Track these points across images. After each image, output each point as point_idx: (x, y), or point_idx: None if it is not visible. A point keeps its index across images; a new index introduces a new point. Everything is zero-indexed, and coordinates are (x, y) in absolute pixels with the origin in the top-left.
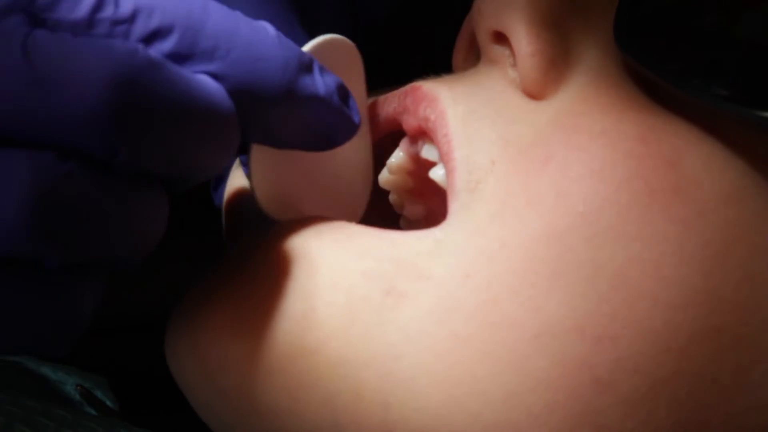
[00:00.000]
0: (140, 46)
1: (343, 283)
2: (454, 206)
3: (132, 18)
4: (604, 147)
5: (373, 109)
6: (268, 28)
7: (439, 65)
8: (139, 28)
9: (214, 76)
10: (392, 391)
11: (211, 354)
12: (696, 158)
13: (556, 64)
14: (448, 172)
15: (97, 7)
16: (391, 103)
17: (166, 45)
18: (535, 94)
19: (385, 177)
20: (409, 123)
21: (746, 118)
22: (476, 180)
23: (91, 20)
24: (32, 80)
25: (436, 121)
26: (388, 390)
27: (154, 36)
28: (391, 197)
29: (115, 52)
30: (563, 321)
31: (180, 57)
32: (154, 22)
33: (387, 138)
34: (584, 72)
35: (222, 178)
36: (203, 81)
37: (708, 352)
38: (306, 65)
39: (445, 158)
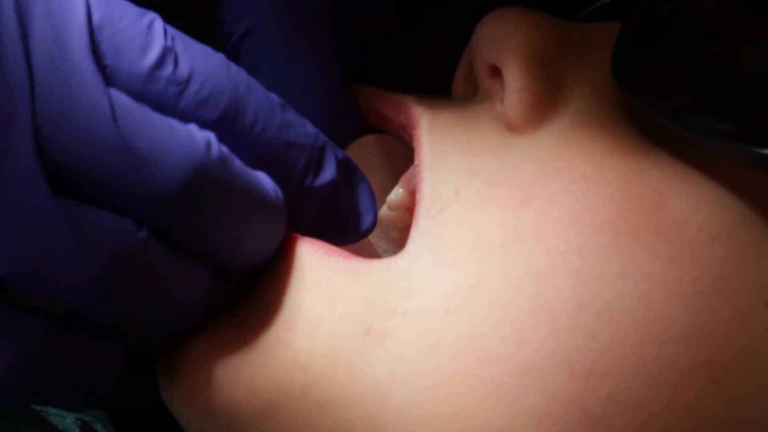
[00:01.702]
0: (213, 138)
1: (321, 331)
2: (414, 233)
3: (187, 82)
4: (585, 192)
5: (369, 100)
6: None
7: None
8: (192, 93)
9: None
10: (383, 430)
11: (201, 397)
12: (683, 197)
13: (543, 102)
14: (416, 201)
15: (158, 65)
16: (386, 104)
17: (212, 114)
18: (515, 128)
19: (385, 213)
20: (394, 130)
21: (740, 153)
22: (438, 208)
23: (150, 75)
24: (121, 150)
25: (415, 147)
26: (379, 429)
27: (203, 103)
28: (391, 233)
29: (195, 140)
30: (551, 356)
31: (221, 127)
32: (206, 92)
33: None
34: (572, 112)
35: None
36: (260, 177)
37: (700, 386)
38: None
39: (416, 187)
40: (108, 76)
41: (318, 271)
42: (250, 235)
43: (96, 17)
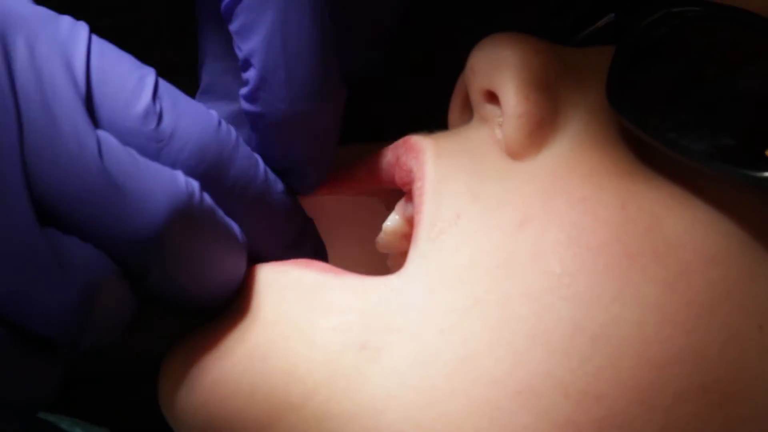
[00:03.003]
0: (197, 186)
1: (317, 340)
2: (412, 254)
3: (168, 140)
4: (583, 214)
5: (373, 162)
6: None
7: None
8: (172, 152)
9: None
10: None
11: (203, 410)
12: (678, 221)
13: (542, 127)
14: (415, 224)
15: (141, 119)
16: (386, 155)
17: (192, 172)
18: (516, 154)
19: (381, 239)
20: (399, 176)
21: (734, 176)
22: (438, 230)
23: (131, 129)
24: (105, 186)
25: (416, 173)
26: None
27: (183, 162)
28: (389, 261)
29: (178, 186)
30: (545, 378)
31: (202, 183)
32: (187, 152)
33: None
34: (570, 135)
35: None
36: (232, 225)
37: (695, 410)
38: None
39: (415, 209)
40: (96, 120)
41: (313, 283)
42: (216, 275)
43: (93, 61)
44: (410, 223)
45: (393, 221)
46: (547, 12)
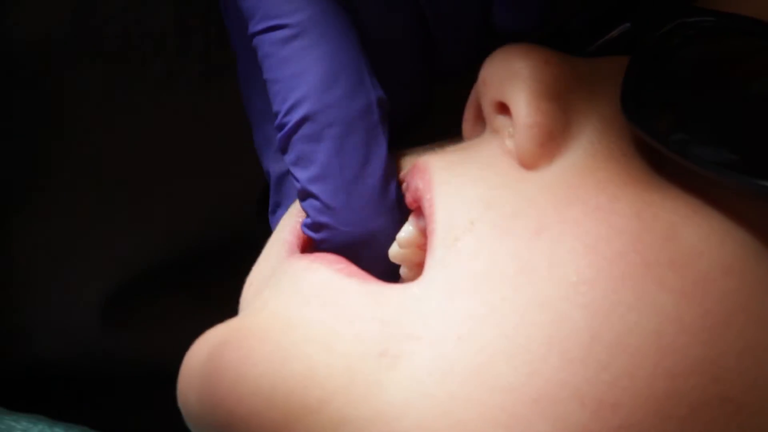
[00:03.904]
0: None
1: (338, 347)
2: (429, 262)
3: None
4: (599, 223)
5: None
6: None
7: None
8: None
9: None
10: None
11: (223, 408)
12: (695, 230)
13: (554, 137)
14: (430, 233)
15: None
16: (403, 182)
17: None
18: (528, 164)
19: (395, 251)
20: (408, 198)
21: (748, 187)
22: (453, 237)
23: None
24: None
25: (423, 188)
26: None
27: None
28: (402, 270)
29: None
30: (562, 386)
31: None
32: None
33: None
34: (583, 145)
35: (280, 203)
36: None
37: (710, 420)
38: None
39: (428, 219)
40: None
41: (338, 288)
42: None
43: None
44: (424, 233)
45: (407, 232)
46: (560, 23)
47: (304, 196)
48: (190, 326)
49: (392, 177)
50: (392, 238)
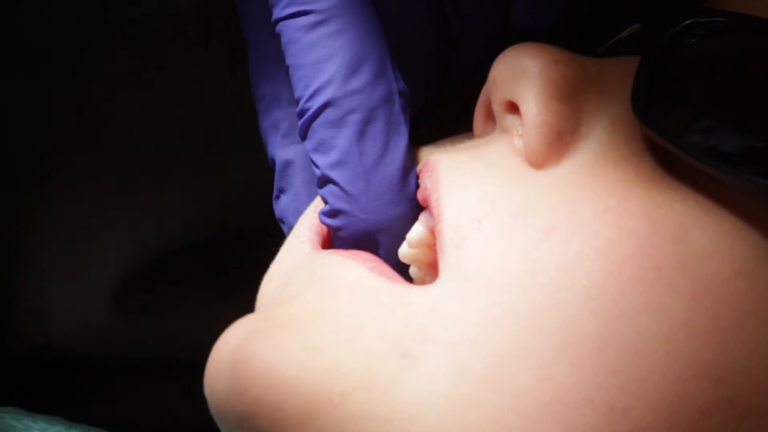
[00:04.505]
0: None
1: (362, 343)
2: (443, 263)
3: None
4: (609, 225)
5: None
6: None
7: None
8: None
9: None
10: None
11: (246, 396)
12: (705, 232)
13: (563, 137)
14: (437, 233)
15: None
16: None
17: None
18: (536, 163)
19: (404, 251)
20: (420, 196)
21: (761, 187)
22: (462, 236)
23: None
24: None
25: (431, 187)
26: None
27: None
28: (411, 270)
29: None
30: (573, 391)
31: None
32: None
33: None
34: (592, 145)
35: (284, 190)
36: None
37: (720, 422)
38: None
39: (435, 220)
40: None
41: (368, 285)
42: None
43: None
44: (433, 233)
45: (417, 231)
46: (571, 22)
47: (323, 182)
48: (203, 314)
49: (412, 168)
50: (410, 228)
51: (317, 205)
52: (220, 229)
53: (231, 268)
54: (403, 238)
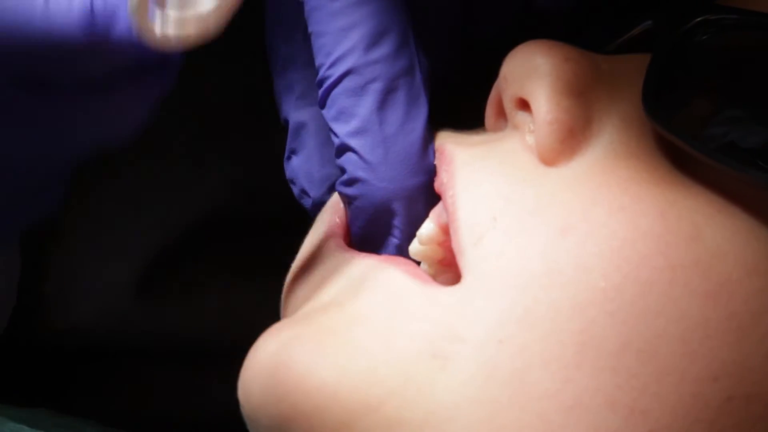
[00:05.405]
0: None
1: (396, 344)
2: (462, 261)
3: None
4: (624, 224)
5: None
6: None
7: None
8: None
9: None
10: None
11: (284, 402)
12: (719, 230)
13: (575, 134)
14: (453, 231)
15: None
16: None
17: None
18: (548, 160)
19: (415, 248)
20: (436, 183)
21: None
22: (478, 235)
23: None
24: None
25: (447, 183)
26: None
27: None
28: (422, 267)
29: None
30: (595, 394)
31: None
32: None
33: None
34: (603, 143)
35: (296, 151)
36: None
37: (738, 421)
38: None
39: (450, 218)
40: None
41: (401, 286)
42: None
43: None
44: (444, 230)
45: (428, 229)
46: (581, 20)
47: (342, 150)
48: (227, 299)
49: (431, 141)
50: (428, 200)
51: (334, 201)
52: (244, 212)
53: (254, 250)
54: (421, 209)
